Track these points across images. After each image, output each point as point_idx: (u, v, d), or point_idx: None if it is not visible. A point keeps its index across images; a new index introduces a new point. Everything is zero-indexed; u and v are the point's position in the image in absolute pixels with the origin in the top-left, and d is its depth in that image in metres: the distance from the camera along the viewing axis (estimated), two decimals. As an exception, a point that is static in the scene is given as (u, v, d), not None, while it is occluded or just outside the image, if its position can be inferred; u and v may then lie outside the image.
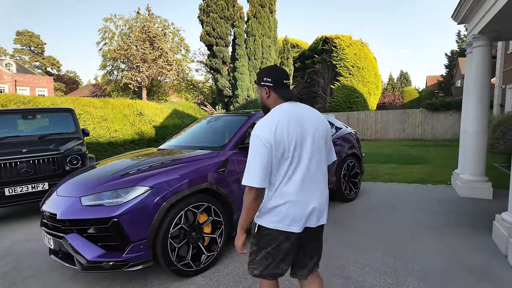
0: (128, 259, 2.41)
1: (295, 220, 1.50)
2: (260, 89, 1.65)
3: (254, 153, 1.45)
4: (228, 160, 3.11)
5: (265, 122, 1.49)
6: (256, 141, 1.45)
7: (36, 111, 5.74)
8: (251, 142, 1.48)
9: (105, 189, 2.53)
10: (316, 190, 1.56)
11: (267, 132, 1.44)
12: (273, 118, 1.50)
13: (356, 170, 4.96)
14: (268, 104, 1.64)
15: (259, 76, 1.65)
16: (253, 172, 1.43)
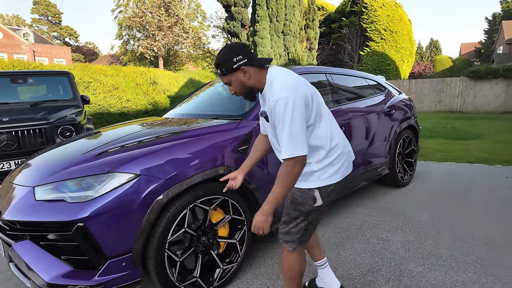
0: (103, 282, 1.59)
1: (349, 165, 1.54)
2: (235, 75, 1.39)
3: (292, 117, 1.27)
4: (252, 134, 2.17)
5: (286, 82, 1.35)
6: (290, 103, 1.27)
7: (27, 74, 4.96)
8: (283, 107, 1.27)
9: (69, 176, 1.67)
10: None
11: (296, 91, 1.30)
12: (287, 77, 1.39)
13: (412, 147, 3.91)
14: (253, 84, 1.42)
15: (225, 61, 1.37)
16: (300, 139, 1.28)
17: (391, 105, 3.61)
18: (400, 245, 2.45)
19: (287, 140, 1.27)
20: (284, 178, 1.30)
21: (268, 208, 1.33)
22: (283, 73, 1.41)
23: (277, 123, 1.30)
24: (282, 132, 1.28)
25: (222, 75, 1.41)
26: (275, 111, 1.29)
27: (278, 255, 2.38)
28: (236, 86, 1.42)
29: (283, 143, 1.29)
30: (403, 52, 18.50)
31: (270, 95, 1.36)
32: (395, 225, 2.81)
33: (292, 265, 1.55)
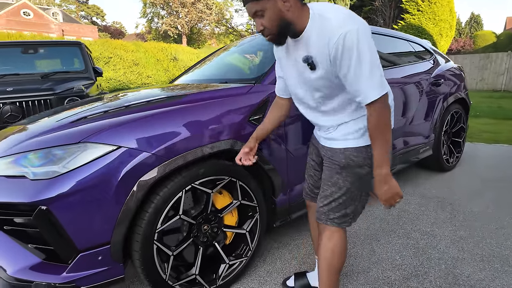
0: (74, 280, 1.27)
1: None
2: (272, 1, 1.03)
3: (370, 50, 1.03)
4: (268, 101, 1.73)
5: (344, 12, 1.06)
6: (363, 34, 1.02)
7: (38, 44, 4.73)
8: (356, 40, 1.00)
9: (32, 147, 1.32)
10: None
11: (361, 20, 1.06)
12: (340, 8, 1.09)
13: (461, 124, 3.31)
14: (292, 19, 1.07)
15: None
16: (382, 76, 1.07)
17: (438, 74, 3.01)
18: (450, 242, 1.98)
19: (371, 78, 1.04)
20: (385, 126, 1.10)
21: (387, 171, 1.12)
22: (332, 5, 1.10)
23: (351, 62, 1.02)
24: (360, 71, 1.03)
25: (256, 0, 1.04)
26: (345, 47, 1.01)
27: (298, 248, 1.99)
28: (270, 17, 1.06)
29: (365, 84, 1.05)
30: (442, 25, 16.89)
31: (326, 31, 1.04)
32: (442, 217, 2.32)
33: (342, 252, 1.27)
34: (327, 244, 1.27)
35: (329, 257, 1.26)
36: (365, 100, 1.07)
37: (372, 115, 1.09)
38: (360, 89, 1.06)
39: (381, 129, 1.09)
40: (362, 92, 1.06)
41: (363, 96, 1.07)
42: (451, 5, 17.36)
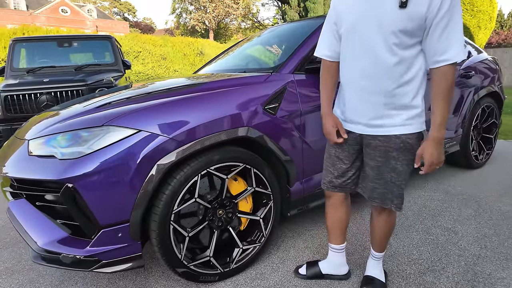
0: (96, 254, 1.36)
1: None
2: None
3: (460, 12, 1.05)
4: (285, 90, 1.74)
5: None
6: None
7: (72, 38, 4.99)
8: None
9: (61, 130, 1.42)
10: None
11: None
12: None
13: (493, 119, 3.14)
14: None
15: None
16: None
17: (468, 66, 2.87)
18: (472, 240, 1.90)
19: (461, 38, 1.06)
20: (451, 88, 1.12)
21: (442, 135, 1.14)
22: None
23: (450, 15, 1.04)
24: (456, 27, 1.06)
25: None
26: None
27: (312, 238, 2.00)
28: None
29: (456, 42, 1.06)
30: (481, 16, 15.87)
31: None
32: (466, 213, 2.23)
33: (395, 223, 1.47)
34: (386, 223, 1.41)
35: (389, 231, 1.44)
36: (453, 59, 1.07)
37: (448, 76, 1.10)
38: (451, 46, 1.06)
39: (450, 92, 1.12)
40: (453, 49, 1.06)
41: (452, 54, 1.06)
42: (491, -5, 16.28)
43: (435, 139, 1.15)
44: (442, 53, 1.08)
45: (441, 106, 1.13)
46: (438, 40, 1.07)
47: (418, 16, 1.06)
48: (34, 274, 1.78)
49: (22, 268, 1.84)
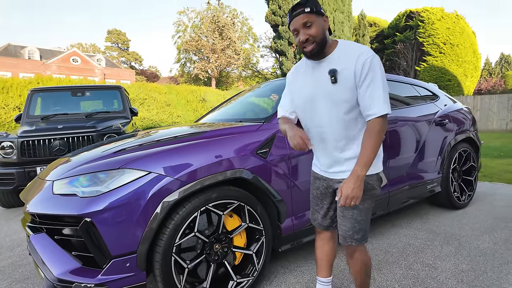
0: (106, 282, 1.53)
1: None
2: (320, 18, 1.36)
3: (382, 75, 1.32)
4: (274, 138, 2.03)
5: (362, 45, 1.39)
6: (379, 62, 1.34)
7: (85, 88, 5.45)
8: (377, 63, 1.32)
9: (82, 172, 1.68)
10: None
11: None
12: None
13: (471, 163, 3.40)
14: (326, 38, 1.38)
15: (315, 2, 1.34)
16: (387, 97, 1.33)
17: (443, 114, 3.20)
18: (450, 275, 2.05)
19: (384, 97, 1.30)
20: (377, 136, 1.30)
21: (364, 173, 1.29)
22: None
23: (370, 78, 1.30)
24: (378, 89, 1.30)
25: (309, 13, 1.32)
26: (371, 66, 1.29)
27: (303, 274, 2.14)
28: (317, 29, 1.34)
29: (378, 100, 1.30)
30: (466, 66, 16.96)
31: (355, 51, 1.34)
32: (447, 251, 2.39)
33: (368, 260, 1.55)
34: (359, 259, 1.52)
35: (363, 268, 1.53)
36: (378, 113, 1.29)
37: (376, 126, 1.30)
38: (374, 102, 1.30)
39: (377, 138, 1.30)
40: (376, 106, 1.29)
41: (376, 110, 1.29)
42: (474, 47, 17.55)
43: (355, 175, 1.28)
44: (369, 109, 1.33)
45: (368, 149, 1.30)
46: (363, 98, 1.31)
47: (349, 87, 1.32)
48: (42, 307, 1.90)
49: (31, 302, 1.96)
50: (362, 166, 1.29)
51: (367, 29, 15.88)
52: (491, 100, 14.19)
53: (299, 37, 1.37)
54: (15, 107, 7.88)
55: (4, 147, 3.89)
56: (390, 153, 2.62)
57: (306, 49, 1.36)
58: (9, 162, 3.89)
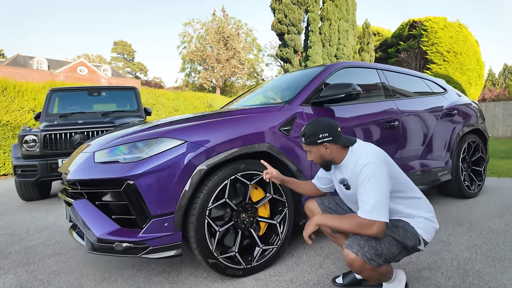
0: (146, 240, 1.66)
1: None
2: (316, 148, 1.55)
3: (378, 181, 1.37)
4: (296, 117, 2.17)
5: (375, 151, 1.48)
6: (380, 170, 1.39)
7: (101, 88, 5.65)
8: (373, 171, 1.38)
9: (123, 142, 1.82)
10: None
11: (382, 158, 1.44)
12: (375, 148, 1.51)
13: (480, 154, 3.51)
14: (332, 158, 1.56)
15: (312, 134, 1.53)
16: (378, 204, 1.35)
17: (451, 106, 3.33)
18: (464, 248, 2.15)
19: (368, 200, 1.36)
20: (354, 226, 1.37)
21: (320, 222, 1.46)
22: (368, 145, 1.54)
23: (362, 183, 1.39)
24: (366, 192, 1.37)
25: (305, 144, 1.57)
26: (362, 173, 1.39)
27: (321, 248, 2.25)
28: (314, 157, 1.58)
29: (364, 202, 1.37)
30: (470, 74, 17.11)
31: (357, 162, 1.44)
32: (459, 230, 2.48)
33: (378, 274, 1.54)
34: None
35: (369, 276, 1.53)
36: (360, 212, 1.37)
37: (356, 220, 1.35)
38: (360, 200, 1.39)
39: (354, 229, 1.36)
40: (360, 205, 1.38)
41: (360, 208, 1.37)
42: (478, 55, 17.73)
43: (315, 219, 1.47)
44: (359, 205, 1.39)
45: (342, 221, 1.41)
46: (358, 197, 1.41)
47: (355, 192, 1.48)
48: (77, 274, 2.02)
49: (67, 270, 2.08)
50: (325, 218, 1.45)
51: (371, 37, 16.17)
52: (496, 107, 14.29)
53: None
54: (30, 110, 8.11)
55: (28, 141, 4.06)
56: (402, 141, 2.74)
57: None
58: (32, 154, 4.05)
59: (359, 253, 1.36)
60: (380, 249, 1.39)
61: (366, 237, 1.39)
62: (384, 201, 1.34)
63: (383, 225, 1.33)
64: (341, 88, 2.18)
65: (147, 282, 1.88)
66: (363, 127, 2.51)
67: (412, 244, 1.45)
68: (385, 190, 1.35)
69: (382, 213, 1.33)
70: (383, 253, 1.39)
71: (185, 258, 2.18)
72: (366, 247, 1.37)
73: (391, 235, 1.44)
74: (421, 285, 1.71)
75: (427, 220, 1.51)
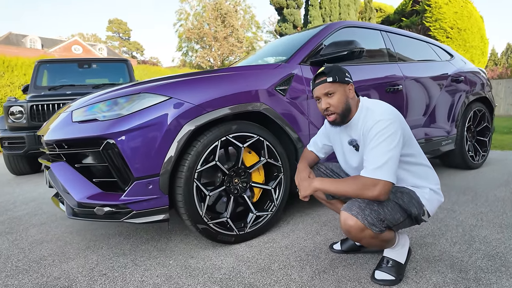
0: (129, 204, 1.53)
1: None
2: (343, 87, 1.33)
3: (391, 139, 1.21)
4: (293, 77, 1.99)
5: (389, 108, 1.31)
6: (394, 127, 1.23)
7: (91, 60, 5.41)
8: (386, 127, 1.22)
9: (103, 99, 1.66)
10: None
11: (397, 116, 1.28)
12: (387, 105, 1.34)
13: (485, 123, 3.36)
14: (351, 105, 1.36)
15: (339, 71, 1.33)
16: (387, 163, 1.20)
17: (458, 73, 3.15)
18: (469, 215, 2.04)
19: (377, 158, 1.21)
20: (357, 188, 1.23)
21: (317, 187, 1.33)
22: (379, 102, 1.37)
23: (372, 140, 1.24)
24: (376, 148, 1.22)
25: (332, 82, 1.32)
26: (373, 129, 1.24)
27: (319, 216, 2.14)
28: (339, 99, 1.32)
29: (372, 159, 1.22)
30: (473, 51, 16.73)
31: (368, 119, 1.29)
32: (464, 199, 2.37)
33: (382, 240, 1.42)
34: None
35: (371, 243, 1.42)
36: (364, 172, 1.22)
37: (359, 180, 1.21)
38: (366, 160, 1.24)
39: (355, 192, 1.21)
40: (365, 165, 1.23)
41: (365, 168, 1.22)
42: (482, 32, 17.28)
43: (312, 183, 1.33)
44: (364, 165, 1.25)
45: (340, 185, 1.26)
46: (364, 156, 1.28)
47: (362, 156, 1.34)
48: (61, 243, 1.91)
49: (51, 239, 1.97)
50: (324, 183, 1.31)
51: (373, 12, 15.65)
52: (499, 85, 14.04)
53: (321, 104, 1.37)
54: (20, 85, 7.86)
55: (14, 112, 3.89)
56: (405, 107, 2.59)
57: (328, 118, 1.38)
58: (19, 126, 3.89)
59: (359, 215, 1.22)
60: (383, 214, 1.25)
61: (368, 200, 1.25)
62: (393, 162, 1.19)
63: (388, 186, 1.18)
64: (343, 45, 2.00)
65: (134, 250, 1.78)
66: (366, 89, 2.34)
67: (416, 212, 1.30)
68: (396, 151, 1.20)
69: (389, 173, 1.18)
70: (386, 218, 1.25)
71: (175, 226, 2.07)
72: (367, 210, 1.23)
73: (395, 201, 1.30)
74: (425, 250, 1.60)
75: (433, 192, 1.37)
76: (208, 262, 1.59)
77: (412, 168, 1.36)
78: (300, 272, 1.45)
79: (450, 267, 1.43)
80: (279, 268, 1.49)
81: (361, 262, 1.52)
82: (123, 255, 1.72)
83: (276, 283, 1.38)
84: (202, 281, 1.42)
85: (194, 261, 1.60)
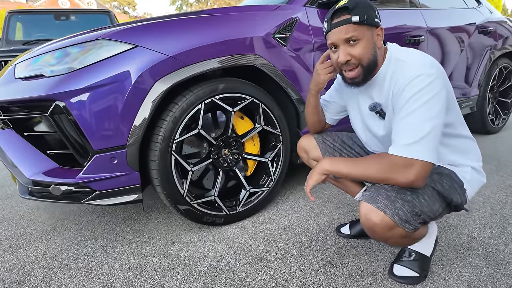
0: (90, 182, 1.23)
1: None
2: (371, 31, 0.95)
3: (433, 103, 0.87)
4: (296, 22, 1.59)
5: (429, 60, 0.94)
6: (438, 86, 0.87)
7: (69, 11, 4.84)
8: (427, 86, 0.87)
9: (50, 49, 1.28)
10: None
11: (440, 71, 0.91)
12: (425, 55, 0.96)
13: (510, 82, 2.99)
14: (378, 55, 0.98)
15: (370, 8, 0.94)
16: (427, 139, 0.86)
17: (486, 23, 2.71)
18: (497, 189, 1.77)
19: (412, 130, 0.89)
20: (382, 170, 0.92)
21: (328, 169, 1.00)
22: (414, 50, 1.00)
23: (407, 102, 0.89)
24: (410, 115, 0.89)
25: (358, 23, 0.92)
26: (407, 88, 0.90)
27: (323, 190, 1.87)
28: (365, 47, 0.95)
29: (404, 132, 0.90)
30: (486, 5, 15.69)
31: (399, 74, 0.94)
32: (487, 168, 2.08)
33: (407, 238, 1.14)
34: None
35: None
36: (393, 148, 0.90)
37: (387, 160, 0.90)
38: (396, 132, 0.91)
39: (381, 176, 0.90)
40: (395, 139, 0.91)
41: (395, 143, 0.91)
42: (497, -16, 16.07)
43: (320, 166, 1.01)
44: (392, 139, 0.93)
45: (359, 165, 0.95)
46: (393, 126, 0.95)
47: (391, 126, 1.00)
48: (25, 222, 1.65)
49: (13, 217, 1.71)
50: (337, 163, 0.99)
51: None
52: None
53: (338, 55, 0.98)
54: (-2, 41, 7.25)
55: (-19, 70, 3.46)
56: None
57: (346, 75, 1.00)
58: (-11, 86, 3.49)
59: (388, 209, 0.90)
60: (419, 205, 0.93)
61: (398, 187, 0.93)
62: (435, 135, 0.87)
63: (427, 167, 0.87)
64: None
65: (106, 232, 1.51)
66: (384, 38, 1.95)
67: (459, 201, 0.99)
68: (438, 120, 0.87)
69: (429, 150, 0.86)
70: (422, 211, 0.94)
71: (158, 202, 1.80)
72: (398, 201, 0.91)
73: (433, 186, 0.98)
74: (450, 235, 1.34)
75: (474, 171, 1.05)
76: (192, 249, 1.33)
77: (452, 141, 1.03)
78: (302, 263, 1.20)
79: (484, 258, 1.18)
80: (276, 258, 1.24)
81: (375, 251, 1.26)
82: (92, 238, 1.46)
83: (273, 278, 1.13)
84: (182, 276, 1.16)
85: (175, 248, 1.35)
